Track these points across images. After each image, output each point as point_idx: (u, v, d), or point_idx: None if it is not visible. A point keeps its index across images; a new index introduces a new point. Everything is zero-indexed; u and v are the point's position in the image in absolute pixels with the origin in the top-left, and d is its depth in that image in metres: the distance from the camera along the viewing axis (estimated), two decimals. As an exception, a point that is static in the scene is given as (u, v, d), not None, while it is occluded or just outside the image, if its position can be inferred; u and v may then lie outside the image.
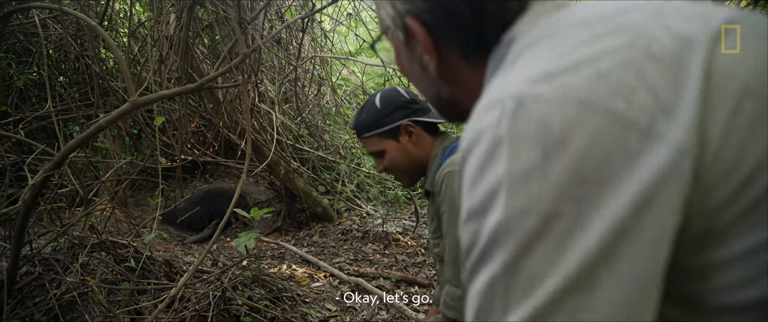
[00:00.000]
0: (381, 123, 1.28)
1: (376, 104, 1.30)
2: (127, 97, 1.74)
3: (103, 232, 2.42)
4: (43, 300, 1.96)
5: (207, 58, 3.25)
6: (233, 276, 2.33)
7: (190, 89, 1.95)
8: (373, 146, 1.33)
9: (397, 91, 1.31)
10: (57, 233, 2.19)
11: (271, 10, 3.10)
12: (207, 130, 3.96)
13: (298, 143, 3.71)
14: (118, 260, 2.27)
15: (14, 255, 1.74)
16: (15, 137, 2.14)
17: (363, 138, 1.35)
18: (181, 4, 2.66)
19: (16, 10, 2.20)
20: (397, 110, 1.28)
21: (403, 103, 1.28)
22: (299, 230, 3.77)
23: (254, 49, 2.13)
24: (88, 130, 1.74)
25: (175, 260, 2.69)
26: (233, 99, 3.21)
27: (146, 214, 3.67)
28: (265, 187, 4.22)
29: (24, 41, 3.21)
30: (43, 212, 2.42)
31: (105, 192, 3.05)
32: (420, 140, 1.29)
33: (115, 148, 3.47)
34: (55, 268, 2.06)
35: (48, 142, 3.49)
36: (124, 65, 1.82)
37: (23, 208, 1.71)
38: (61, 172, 2.35)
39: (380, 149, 1.32)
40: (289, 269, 2.91)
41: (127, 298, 2.09)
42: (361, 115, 1.33)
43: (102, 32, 1.81)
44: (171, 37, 2.75)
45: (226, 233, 3.76)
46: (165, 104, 3.22)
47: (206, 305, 2.07)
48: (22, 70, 3.25)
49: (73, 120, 3.39)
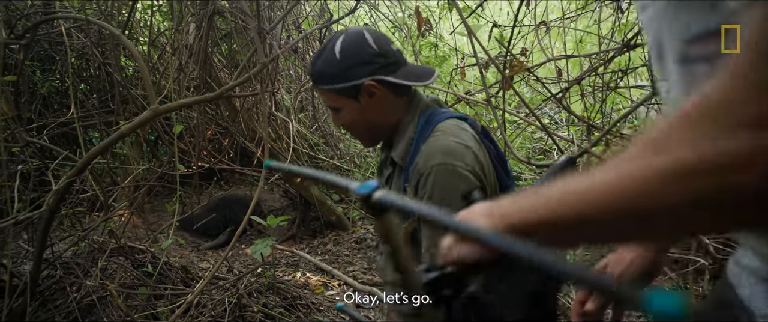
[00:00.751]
0: (338, 78, 1.04)
1: (335, 54, 1.04)
2: (148, 104, 1.77)
3: (122, 237, 2.46)
4: (64, 303, 1.99)
5: (225, 67, 3.30)
6: (248, 283, 2.35)
7: (210, 98, 1.98)
8: (329, 100, 1.11)
9: (363, 40, 1.04)
10: (78, 238, 2.23)
11: (288, 20, 3.14)
12: (223, 138, 4.00)
13: (314, 152, 3.73)
14: (136, 265, 2.30)
15: (37, 258, 1.77)
16: (39, 143, 2.18)
17: (318, 88, 1.12)
18: (200, 14, 2.71)
19: (45, 20, 2.27)
20: (360, 66, 1.03)
21: (368, 58, 1.03)
22: (313, 238, 3.78)
23: (273, 59, 2.16)
24: (111, 137, 1.78)
25: (191, 266, 2.71)
26: (250, 107, 3.25)
27: (163, 220, 3.71)
28: (280, 195, 4.24)
29: (49, 50, 3.29)
30: (65, 216, 2.46)
31: (123, 198, 3.10)
32: (385, 103, 1.06)
33: (134, 155, 3.52)
34: (76, 271, 2.10)
35: (69, 148, 3.56)
36: (146, 74, 1.86)
37: (47, 212, 1.75)
38: (82, 177, 2.40)
39: (336, 106, 1.09)
40: (304, 276, 2.92)
41: (144, 302, 2.11)
42: (318, 61, 1.08)
43: (126, 41, 1.86)
44: (190, 46, 2.80)
45: (241, 240, 3.79)
46: (183, 112, 3.27)
47: (222, 312, 2.09)
48: (46, 78, 3.33)
49: (93, 127, 3.45)
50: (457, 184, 0.95)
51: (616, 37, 2.56)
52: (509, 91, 2.73)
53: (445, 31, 4.05)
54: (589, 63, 2.77)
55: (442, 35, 4.12)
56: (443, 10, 3.67)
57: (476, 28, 3.84)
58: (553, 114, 4.30)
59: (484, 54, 1.94)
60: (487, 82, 2.04)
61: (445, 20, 3.83)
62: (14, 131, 2.17)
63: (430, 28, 3.08)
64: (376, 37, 1.06)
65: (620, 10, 2.47)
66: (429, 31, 3.08)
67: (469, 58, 3.12)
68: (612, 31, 2.57)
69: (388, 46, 1.06)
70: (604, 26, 2.78)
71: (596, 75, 2.45)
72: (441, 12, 3.73)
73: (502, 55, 2.09)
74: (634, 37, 1.84)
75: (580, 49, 3.15)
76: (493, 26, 2.72)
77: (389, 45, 1.07)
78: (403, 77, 1.05)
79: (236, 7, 2.59)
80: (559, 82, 2.47)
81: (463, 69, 2.82)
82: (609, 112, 3.14)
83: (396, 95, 1.08)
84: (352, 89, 1.05)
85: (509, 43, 1.88)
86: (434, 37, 3.84)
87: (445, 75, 4.13)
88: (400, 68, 1.06)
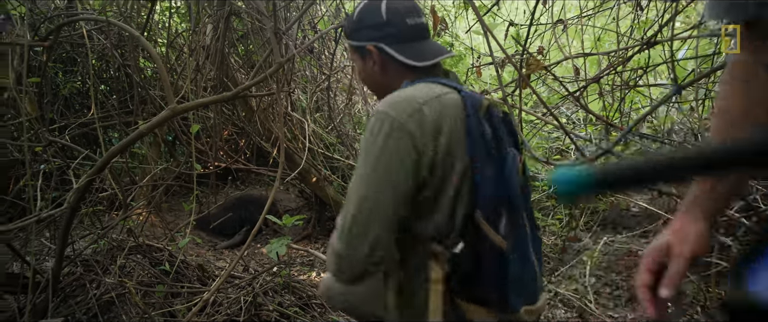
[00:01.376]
0: (351, 35, 1.14)
1: (355, 12, 1.13)
2: (166, 105, 1.80)
3: (140, 235, 2.49)
4: (84, 300, 2.03)
5: (241, 68, 3.33)
6: (264, 282, 2.36)
7: (226, 97, 2.00)
8: (350, 53, 1.23)
9: (377, 7, 1.09)
10: (97, 236, 2.27)
11: (304, 20, 3.15)
12: (239, 138, 4.04)
13: (329, 151, 3.74)
14: (154, 263, 2.34)
15: (59, 255, 1.80)
16: (61, 143, 2.23)
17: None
18: (217, 15, 2.73)
19: (67, 22, 2.31)
20: (366, 29, 1.10)
21: (374, 24, 1.09)
22: (328, 237, 3.78)
23: (289, 59, 2.17)
24: (130, 137, 1.81)
25: (207, 264, 2.74)
26: (266, 107, 3.27)
27: (180, 219, 3.76)
28: (296, 194, 4.26)
29: (71, 52, 3.35)
30: (85, 215, 2.51)
31: (142, 197, 3.15)
32: (387, 69, 1.11)
33: (152, 155, 3.57)
34: (95, 269, 2.13)
35: (89, 147, 3.63)
36: (165, 74, 1.88)
37: (68, 211, 1.78)
38: (102, 176, 2.44)
39: (353, 58, 1.18)
40: (319, 276, 2.92)
41: (162, 300, 2.14)
42: (349, 15, 1.19)
43: (145, 43, 1.88)
44: (207, 46, 2.83)
45: (256, 239, 3.82)
46: (200, 112, 3.31)
47: (237, 310, 2.11)
48: (68, 80, 3.40)
49: (113, 127, 3.51)
50: (385, 132, 0.94)
51: (636, 35, 2.51)
52: (526, 90, 2.70)
53: (461, 30, 4.03)
54: (607, 61, 2.73)
55: (458, 34, 4.10)
56: (459, 9, 3.65)
57: (492, 26, 3.81)
58: (571, 113, 4.25)
59: (500, 53, 1.92)
60: (503, 81, 2.02)
61: (461, 19, 3.81)
62: (37, 131, 2.22)
63: (446, 27, 3.06)
64: (392, 6, 1.09)
65: (640, 7, 2.43)
66: (445, 30, 3.06)
67: (485, 58, 3.10)
68: (631, 29, 2.53)
69: (402, 19, 1.09)
70: (622, 24, 2.73)
71: (615, 73, 2.41)
72: (457, 11, 3.71)
73: (519, 53, 2.06)
74: (654, 35, 1.81)
75: (598, 47, 3.11)
76: (509, 25, 2.70)
77: (407, 18, 1.09)
78: (403, 52, 1.08)
79: (253, 7, 2.61)
80: (577, 81, 2.43)
81: (479, 68, 2.80)
82: (628, 112, 3.09)
83: (400, 65, 1.09)
84: (359, 49, 1.13)
85: (526, 41, 1.85)
86: (450, 37, 3.82)
87: (461, 74, 4.10)
88: (409, 43, 1.09)
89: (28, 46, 1.96)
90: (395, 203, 0.93)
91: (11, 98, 1.98)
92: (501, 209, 0.97)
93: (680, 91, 1.08)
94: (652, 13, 2.60)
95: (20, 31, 2.20)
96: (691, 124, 2.97)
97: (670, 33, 1.85)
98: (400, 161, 0.93)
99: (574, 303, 2.45)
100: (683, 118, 3.11)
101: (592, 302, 2.43)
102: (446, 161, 0.97)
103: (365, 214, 0.92)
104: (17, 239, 2.56)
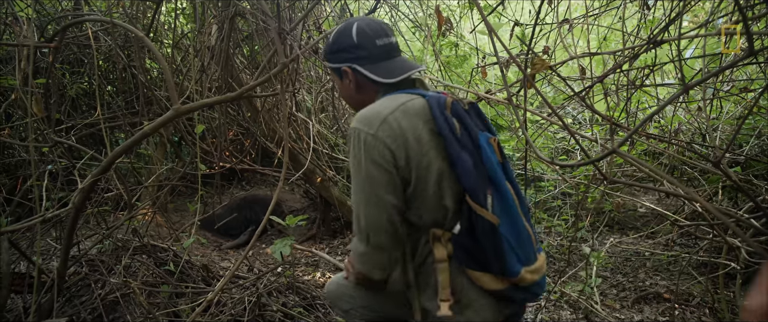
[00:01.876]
0: (328, 58, 1.26)
1: (330, 37, 1.26)
2: (171, 105, 1.80)
3: (145, 236, 2.50)
4: (89, 300, 2.03)
5: (246, 68, 3.33)
6: (268, 282, 2.36)
7: (230, 98, 2.00)
8: (330, 72, 1.37)
9: (349, 31, 1.22)
10: (102, 236, 2.28)
11: (309, 21, 3.15)
12: (245, 139, 4.04)
13: (334, 152, 3.74)
14: (158, 264, 2.34)
15: (64, 255, 1.81)
16: (67, 143, 2.24)
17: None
18: (222, 16, 2.74)
19: (73, 23, 2.32)
20: (341, 52, 1.23)
21: (347, 46, 1.21)
22: (333, 238, 3.78)
23: (293, 59, 2.17)
24: (134, 137, 1.81)
25: (212, 265, 2.75)
26: (271, 108, 3.27)
27: (185, 219, 3.77)
28: (301, 195, 4.27)
29: (77, 53, 3.37)
30: (90, 214, 2.52)
31: (147, 197, 3.16)
32: (362, 86, 1.24)
33: (157, 155, 3.59)
34: (100, 269, 2.14)
35: (96, 148, 3.65)
36: (169, 75, 1.89)
37: (73, 210, 1.79)
38: (107, 177, 2.45)
39: (333, 79, 1.33)
40: (323, 277, 2.92)
41: (166, 300, 2.14)
42: (327, 40, 1.31)
43: (149, 43, 1.89)
44: (212, 47, 2.84)
45: (261, 239, 3.82)
46: (205, 113, 3.32)
47: (241, 310, 2.11)
48: (75, 80, 3.42)
49: (119, 127, 3.53)
50: (362, 146, 1.10)
51: (642, 34, 2.49)
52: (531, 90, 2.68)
53: (466, 30, 4.01)
54: (613, 60, 2.71)
55: (462, 35, 4.08)
56: (464, 9, 3.64)
57: (498, 26, 3.79)
58: (576, 114, 4.22)
59: (505, 53, 1.91)
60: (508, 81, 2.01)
61: (466, 19, 3.80)
62: (44, 132, 2.23)
63: (451, 27, 3.05)
64: (362, 30, 1.21)
65: (646, 6, 2.40)
66: (450, 30, 3.05)
67: (490, 58, 3.08)
68: (637, 28, 2.50)
69: (372, 41, 1.20)
70: (629, 23, 2.71)
71: (621, 72, 2.39)
72: (462, 11, 3.69)
73: (524, 53, 2.05)
74: (660, 33, 1.79)
75: (604, 47, 3.08)
76: (514, 24, 2.68)
77: (376, 39, 1.21)
78: (374, 71, 1.20)
79: (257, 8, 2.61)
80: (582, 81, 2.41)
81: (484, 68, 2.78)
82: (634, 112, 3.06)
83: (372, 82, 1.21)
84: (336, 70, 1.26)
85: (531, 41, 1.84)
86: (455, 37, 3.81)
87: (465, 75, 4.09)
88: (379, 62, 1.21)
89: (34, 47, 1.97)
90: (388, 194, 1.10)
91: (18, 99, 1.99)
92: (487, 189, 1.09)
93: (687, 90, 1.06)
94: (659, 12, 2.57)
95: (27, 33, 2.22)
96: (699, 124, 2.94)
97: (677, 32, 1.83)
98: (379, 164, 1.08)
99: (580, 305, 2.43)
100: (690, 119, 3.08)
101: (598, 303, 2.41)
102: (421, 160, 1.10)
103: (370, 209, 1.10)
104: (24, 239, 2.58)
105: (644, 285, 2.69)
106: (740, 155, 2.70)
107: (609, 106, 2.48)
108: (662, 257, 2.96)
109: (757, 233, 2.09)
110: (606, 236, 3.40)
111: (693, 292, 2.54)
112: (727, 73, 2.67)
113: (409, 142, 1.09)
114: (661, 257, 2.98)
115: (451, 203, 1.11)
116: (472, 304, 1.14)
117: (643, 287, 2.66)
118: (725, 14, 2.17)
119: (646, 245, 3.19)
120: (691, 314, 2.38)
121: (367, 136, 1.09)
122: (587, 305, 2.39)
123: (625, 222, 3.63)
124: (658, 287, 2.63)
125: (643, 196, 3.98)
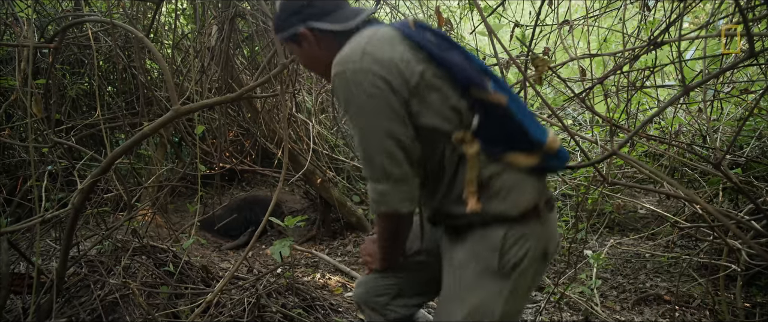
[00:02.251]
0: (280, 29, 1.21)
1: (276, 8, 1.21)
2: (170, 106, 1.80)
3: (145, 236, 2.50)
4: (88, 300, 2.03)
5: (246, 69, 3.34)
6: (268, 283, 2.36)
7: (230, 98, 2.00)
8: (288, 50, 1.32)
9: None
10: (102, 237, 2.28)
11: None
12: (245, 139, 4.05)
13: (334, 153, 3.74)
14: (158, 264, 2.34)
15: (63, 256, 1.81)
16: (67, 144, 2.24)
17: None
18: (222, 17, 2.74)
19: (73, 24, 2.32)
20: (292, 15, 1.17)
21: (296, 9, 1.17)
22: (333, 239, 3.78)
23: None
24: (133, 138, 1.81)
25: (211, 265, 2.74)
26: (271, 109, 3.27)
27: (185, 220, 3.77)
28: (301, 196, 4.26)
29: (77, 53, 3.37)
30: (90, 215, 2.52)
31: (146, 198, 3.16)
32: (322, 43, 1.18)
33: (157, 156, 3.59)
34: (100, 270, 2.14)
35: (96, 149, 3.65)
36: (169, 75, 1.89)
37: (72, 211, 1.78)
38: (107, 177, 2.45)
39: (291, 52, 1.23)
40: (323, 278, 2.92)
41: (166, 301, 2.14)
42: (274, 14, 1.24)
43: (149, 44, 1.89)
44: (212, 48, 2.84)
45: (261, 240, 3.82)
46: (205, 113, 3.32)
47: (241, 312, 2.10)
48: (75, 81, 3.42)
49: (119, 128, 3.53)
50: (351, 84, 1.06)
51: (643, 36, 2.48)
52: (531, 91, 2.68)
53: (466, 31, 4.01)
54: (613, 62, 2.70)
55: (463, 36, 4.08)
56: (464, 11, 3.64)
57: (497, 28, 3.79)
58: (576, 115, 4.22)
59: (505, 54, 1.90)
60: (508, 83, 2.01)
61: (467, 20, 3.80)
62: (44, 133, 2.23)
63: (451, 28, 3.05)
64: None
65: (647, 7, 2.40)
66: (450, 31, 3.05)
67: (490, 59, 3.08)
68: (638, 29, 2.50)
69: None
70: (629, 25, 2.70)
71: (621, 74, 2.39)
72: (462, 12, 3.69)
73: (524, 54, 2.05)
74: (661, 35, 1.79)
75: (604, 48, 3.08)
76: (514, 26, 2.68)
77: None
78: (332, 21, 1.17)
79: (257, 9, 2.61)
80: (583, 82, 2.41)
81: (484, 69, 2.78)
82: (634, 113, 3.06)
83: (334, 37, 1.17)
84: (293, 37, 1.19)
85: (531, 42, 1.84)
86: (455, 38, 3.81)
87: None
88: (332, 13, 1.17)
89: (34, 47, 1.97)
90: (393, 122, 1.07)
91: (18, 100, 1.99)
92: (483, 77, 1.11)
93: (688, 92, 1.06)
94: (660, 14, 2.57)
95: (27, 33, 2.22)
96: (699, 125, 2.94)
97: (677, 33, 1.83)
98: (375, 95, 1.05)
99: (580, 306, 2.43)
100: (691, 120, 3.08)
101: (598, 305, 2.41)
102: (413, 75, 1.07)
103: (382, 142, 1.07)
104: (23, 240, 2.58)
105: (644, 287, 2.69)
106: (741, 157, 2.69)
107: (609, 108, 2.48)
108: (662, 259, 2.96)
109: (757, 235, 2.08)
110: (606, 237, 3.40)
111: (693, 294, 2.54)
112: (728, 75, 2.67)
113: (396, 63, 1.06)
114: (661, 258, 2.97)
115: (458, 102, 1.09)
116: (515, 186, 1.13)
117: (643, 289, 2.66)
118: (726, 15, 2.16)
119: (646, 247, 3.19)
120: (691, 316, 2.38)
121: (354, 73, 1.05)
122: (587, 307, 2.38)
123: (626, 224, 3.63)
124: (658, 289, 2.63)
125: (643, 197, 3.98)
